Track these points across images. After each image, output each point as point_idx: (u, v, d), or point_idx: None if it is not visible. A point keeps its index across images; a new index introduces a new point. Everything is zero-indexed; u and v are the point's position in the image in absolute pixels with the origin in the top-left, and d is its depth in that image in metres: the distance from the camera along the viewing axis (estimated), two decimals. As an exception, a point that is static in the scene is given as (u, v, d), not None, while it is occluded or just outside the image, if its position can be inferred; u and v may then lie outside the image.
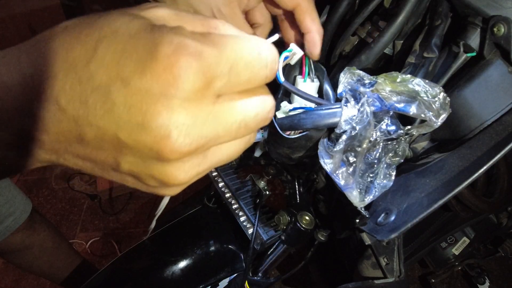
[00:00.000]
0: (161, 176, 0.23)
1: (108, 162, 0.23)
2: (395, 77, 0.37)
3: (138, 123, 0.20)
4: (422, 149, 0.48)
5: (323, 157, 0.39)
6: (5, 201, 1.01)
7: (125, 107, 0.20)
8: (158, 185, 0.24)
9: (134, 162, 0.22)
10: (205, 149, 0.23)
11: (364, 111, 0.36)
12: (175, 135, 0.20)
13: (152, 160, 0.22)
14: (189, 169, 0.23)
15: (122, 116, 0.20)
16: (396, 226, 0.42)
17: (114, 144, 0.22)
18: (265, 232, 0.64)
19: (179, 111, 0.20)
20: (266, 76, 0.23)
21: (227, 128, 0.23)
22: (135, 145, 0.21)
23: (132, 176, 0.24)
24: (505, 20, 0.39)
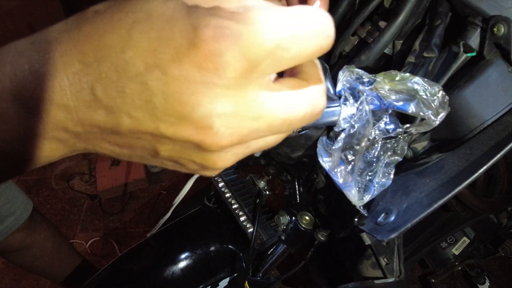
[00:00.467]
0: (202, 161, 0.22)
1: (146, 150, 0.23)
2: (394, 75, 0.37)
3: (178, 114, 0.20)
4: (422, 149, 0.48)
5: (321, 156, 0.39)
6: (6, 201, 1.01)
7: (164, 97, 0.19)
8: (198, 168, 0.24)
9: (173, 150, 0.22)
10: (246, 141, 0.22)
11: (363, 109, 0.36)
12: (216, 127, 0.20)
13: (192, 149, 0.21)
14: (230, 157, 0.23)
15: (160, 107, 0.20)
16: (396, 226, 0.42)
17: (152, 134, 0.21)
18: (265, 232, 0.64)
19: (221, 100, 0.19)
20: (322, 46, 0.21)
21: (270, 123, 0.21)
22: (174, 136, 0.21)
23: (172, 161, 0.24)
24: (505, 20, 0.39)
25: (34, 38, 0.22)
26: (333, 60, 0.58)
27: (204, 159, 0.22)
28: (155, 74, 0.19)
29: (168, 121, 0.20)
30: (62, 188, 1.96)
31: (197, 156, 0.22)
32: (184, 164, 0.24)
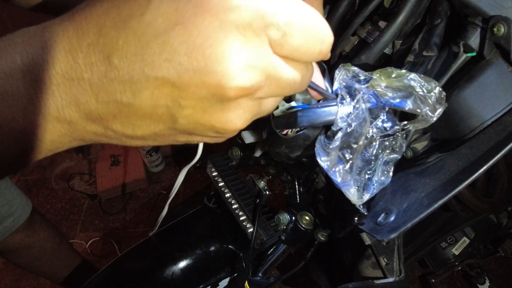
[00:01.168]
0: (219, 123, 0.23)
1: (163, 121, 0.23)
2: (390, 72, 0.37)
3: (201, 66, 0.20)
4: (422, 149, 0.48)
5: (319, 155, 0.39)
6: (5, 201, 1.01)
7: (187, 51, 0.20)
8: (214, 135, 0.24)
9: (193, 114, 0.22)
10: (259, 95, 0.23)
11: (360, 108, 0.36)
12: (238, 72, 0.20)
13: (212, 105, 0.22)
14: (244, 112, 0.23)
15: (183, 62, 0.20)
16: (396, 226, 0.42)
17: (172, 97, 0.21)
18: (265, 232, 0.64)
19: (241, 49, 0.20)
20: (320, 51, 0.23)
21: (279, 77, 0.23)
22: (196, 91, 0.21)
23: (188, 131, 0.24)
24: (505, 20, 0.39)
25: (46, 23, 0.22)
26: (333, 60, 0.58)
27: (221, 119, 0.22)
28: (177, 31, 0.20)
29: (191, 74, 0.20)
30: (62, 188, 1.96)
31: (215, 117, 0.22)
32: (201, 132, 0.24)
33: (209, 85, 0.21)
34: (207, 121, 0.23)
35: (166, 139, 0.25)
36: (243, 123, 0.24)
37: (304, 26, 0.22)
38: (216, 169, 0.71)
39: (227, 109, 0.22)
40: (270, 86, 0.23)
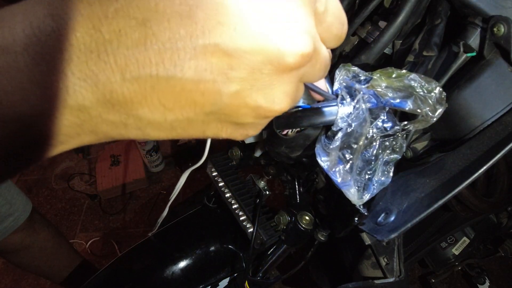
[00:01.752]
0: (266, 101, 0.21)
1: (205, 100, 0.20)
2: (391, 72, 0.37)
3: (259, 30, 0.19)
4: (422, 149, 0.48)
5: (320, 155, 0.39)
6: (5, 201, 1.01)
7: (242, 13, 0.18)
8: (252, 120, 0.22)
9: (239, 91, 0.20)
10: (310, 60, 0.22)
11: (360, 108, 0.36)
12: (298, 37, 0.20)
13: (263, 78, 0.20)
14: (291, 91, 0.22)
15: (238, 26, 0.18)
16: (396, 226, 0.42)
17: (221, 68, 0.19)
18: (265, 232, 0.64)
19: (300, 15, 0.20)
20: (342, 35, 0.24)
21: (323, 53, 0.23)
22: (250, 60, 0.19)
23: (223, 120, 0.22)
24: (505, 20, 0.39)
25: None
26: (333, 60, 0.58)
27: (270, 94, 0.21)
28: None
29: (247, 41, 0.19)
30: (62, 188, 1.96)
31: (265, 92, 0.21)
32: (240, 116, 0.22)
33: (267, 50, 0.19)
34: (253, 100, 0.21)
35: (195, 129, 0.22)
36: (288, 104, 0.22)
37: (336, 5, 0.22)
38: (216, 169, 0.71)
39: (277, 83, 0.21)
40: (314, 61, 0.22)
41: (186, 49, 0.18)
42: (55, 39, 0.17)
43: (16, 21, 0.18)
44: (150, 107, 0.19)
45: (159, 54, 0.18)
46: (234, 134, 0.24)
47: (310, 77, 0.23)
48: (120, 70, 0.18)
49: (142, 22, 0.18)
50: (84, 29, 0.18)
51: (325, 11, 0.22)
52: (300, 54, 0.20)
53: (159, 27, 0.18)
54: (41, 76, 0.18)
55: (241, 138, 0.25)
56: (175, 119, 0.20)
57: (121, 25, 0.18)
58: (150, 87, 0.19)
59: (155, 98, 0.19)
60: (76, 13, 0.18)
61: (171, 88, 0.19)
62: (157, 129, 0.21)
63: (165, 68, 0.18)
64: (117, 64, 0.18)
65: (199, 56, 0.18)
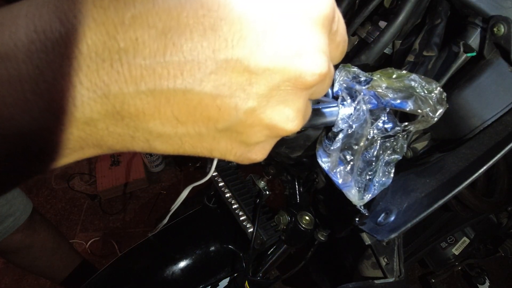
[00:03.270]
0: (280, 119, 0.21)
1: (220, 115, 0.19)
2: (391, 73, 0.37)
3: (281, 49, 0.19)
4: (422, 149, 0.48)
5: (320, 156, 0.39)
6: (5, 201, 1.01)
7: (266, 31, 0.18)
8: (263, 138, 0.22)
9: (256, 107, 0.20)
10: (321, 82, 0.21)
11: (361, 109, 0.36)
12: (317, 58, 0.20)
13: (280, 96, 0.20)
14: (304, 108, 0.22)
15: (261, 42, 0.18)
16: (396, 226, 0.42)
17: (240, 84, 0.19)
18: (265, 232, 0.64)
19: (320, 35, 0.20)
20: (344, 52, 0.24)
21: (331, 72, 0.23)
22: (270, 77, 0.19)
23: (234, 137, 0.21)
24: (505, 20, 0.39)
25: None
26: (333, 60, 0.58)
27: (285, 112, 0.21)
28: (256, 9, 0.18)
29: (269, 59, 0.18)
30: (62, 188, 1.96)
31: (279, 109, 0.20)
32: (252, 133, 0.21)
33: (288, 69, 0.19)
34: (268, 117, 0.20)
35: (204, 146, 0.21)
36: (300, 123, 0.22)
37: (343, 26, 0.23)
38: (216, 169, 0.71)
39: (291, 101, 0.21)
40: (326, 79, 0.22)
41: (208, 62, 0.18)
42: (63, 46, 0.16)
43: (19, 25, 0.16)
44: (162, 119, 0.19)
45: (179, 66, 0.17)
46: (241, 157, 0.23)
47: (317, 94, 0.24)
48: (134, 81, 0.17)
49: (162, 32, 0.17)
50: (97, 35, 0.16)
51: (337, 31, 0.22)
52: (318, 73, 0.20)
53: (180, 38, 0.17)
54: (46, 87, 0.16)
55: (246, 163, 0.24)
56: (186, 133, 0.20)
57: (138, 34, 0.16)
58: (165, 100, 0.18)
59: (169, 111, 0.18)
60: (88, 18, 0.16)
61: (188, 101, 0.18)
62: (166, 142, 0.20)
63: (183, 81, 0.18)
64: (131, 75, 0.17)
65: (220, 71, 0.18)
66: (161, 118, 0.19)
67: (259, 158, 0.24)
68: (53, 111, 0.17)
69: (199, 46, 0.17)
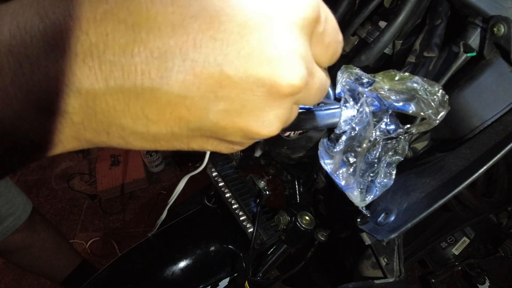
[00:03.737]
0: (255, 124, 0.20)
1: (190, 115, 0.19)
2: (394, 75, 0.37)
3: (254, 52, 0.17)
4: (422, 149, 0.48)
5: (323, 158, 0.39)
6: (5, 201, 1.01)
7: (238, 31, 0.17)
8: (239, 140, 0.21)
9: (228, 110, 0.19)
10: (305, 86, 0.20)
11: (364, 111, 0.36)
12: (294, 66, 0.18)
13: (254, 100, 0.19)
14: (283, 115, 0.21)
15: (231, 43, 0.17)
16: (396, 226, 0.42)
17: (210, 85, 0.18)
18: (265, 232, 0.64)
19: (299, 39, 0.18)
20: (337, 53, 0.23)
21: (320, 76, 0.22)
22: (242, 80, 0.18)
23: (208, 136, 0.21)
24: (505, 20, 0.39)
25: None
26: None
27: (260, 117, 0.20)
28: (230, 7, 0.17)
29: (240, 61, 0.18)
30: (62, 188, 1.96)
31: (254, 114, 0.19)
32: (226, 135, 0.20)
33: (259, 75, 0.18)
34: (242, 121, 0.20)
35: (179, 143, 0.21)
36: (277, 128, 0.21)
37: (334, 26, 0.21)
38: (216, 169, 0.71)
39: (269, 108, 0.20)
40: (310, 86, 0.21)
41: (175, 61, 0.17)
42: (41, 40, 0.17)
43: (4, 21, 0.17)
44: (133, 117, 0.19)
45: (146, 64, 0.17)
46: (219, 147, 0.23)
47: (306, 101, 0.23)
48: (104, 77, 0.17)
49: (131, 27, 0.17)
50: (72, 31, 0.17)
51: (324, 32, 0.21)
52: (294, 83, 0.19)
53: (148, 35, 0.17)
54: (24, 79, 0.17)
55: (228, 152, 0.24)
56: (159, 132, 0.20)
57: (109, 29, 0.17)
58: (135, 98, 0.18)
59: (139, 109, 0.18)
60: (64, 13, 0.17)
61: (156, 100, 0.18)
62: (140, 139, 0.20)
63: (150, 78, 0.17)
64: (101, 70, 0.17)
65: (188, 71, 0.17)
66: (132, 116, 0.19)
67: (239, 149, 0.24)
68: (31, 103, 0.17)
69: (167, 44, 0.17)
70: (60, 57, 0.17)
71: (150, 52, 0.17)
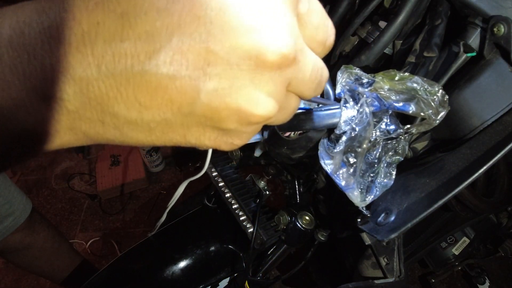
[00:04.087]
0: (247, 103, 0.20)
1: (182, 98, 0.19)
2: (394, 75, 0.37)
3: (237, 24, 0.18)
4: (422, 149, 0.48)
5: (323, 158, 0.39)
6: (5, 201, 1.01)
7: (221, 6, 0.18)
8: (234, 125, 0.21)
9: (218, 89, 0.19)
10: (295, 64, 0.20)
11: (364, 111, 0.36)
12: (280, 35, 0.18)
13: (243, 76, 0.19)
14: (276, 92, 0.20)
15: (215, 19, 0.18)
16: (396, 226, 0.42)
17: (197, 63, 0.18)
18: (265, 232, 0.64)
19: (283, 13, 0.19)
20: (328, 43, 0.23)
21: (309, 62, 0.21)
22: (228, 54, 0.18)
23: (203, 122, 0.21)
24: (505, 20, 0.39)
25: None
26: (333, 60, 0.58)
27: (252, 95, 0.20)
28: None
29: (224, 35, 0.18)
30: (62, 188, 1.96)
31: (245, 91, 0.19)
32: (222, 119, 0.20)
33: (245, 45, 0.18)
34: (233, 100, 0.19)
35: (175, 132, 0.21)
36: (272, 108, 0.21)
37: (320, 8, 0.21)
38: (216, 169, 0.71)
39: (259, 83, 0.19)
40: (302, 65, 0.21)
41: (162, 42, 0.18)
42: (37, 31, 0.18)
43: (6, 17, 0.18)
44: (126, 103, 0.19)
45: (135, 47, 0.18)
46: (218, 142, 0.22)
47: (301, 86, 0.22)
48: (96, 62, 0.18)
49: (120, 15, 0.18)
50: (66, 22, 0.18)
51: (309, 12, 0.21)
52: (280, 51, 0.19)
53: (136, 20, 0.18)
54: (21, 67, 0.18)
55: (227, 148, 0.23)
56: (152, 119, 0.20)
57: (99, 18, 0.18)
58: (126, 82, 0.18)
59: (131, 94, 0.19)
60: (59, 6, 0.18)
61: (147, 83, 0.18)
62: (135, 129, 0.20)
63: (139, 61, 0.18)
64: (94, 56, 0.18)
65: (175, 50, 0.18)
66: (124, 102, 0.19)
67: (237, 143, 0.23)
68: (28, 90, 0.18)
69: (153, 27, 0.18)
70: (54, 45, 0.18)
71: (138, 36, 0.18)
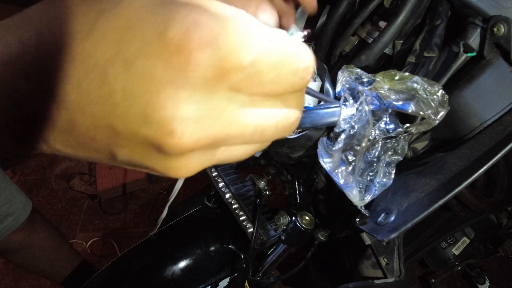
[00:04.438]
0: (164, 167, 0.20)
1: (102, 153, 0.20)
2: (394, 75, 0.37)
3: (139, 114, 0.18)
4: (422, 149, 0.48)
5: (322, 156, 0.39)
6: (5, 201, 1.01)
7: (124, 94, 0.18)
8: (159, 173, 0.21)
9: (132, 154, 0.20)
10: (213, 147, 0.20)
11: (363, 110, 0.36)
12: (180, 131, 0.18)
13: (153, 153, 0.19)
14: (193, 164, 0.20)
15: (120, 105, 0.18)
16: (396, 226, 0.42)
17: (109, 136, 0.19)
18: (265, 232, 0.64)
19: (187, 103, 0.18)
20: (294, 84, 0.20)
21: (240, 131, 0.20)
22: (133, 138, 0.19)
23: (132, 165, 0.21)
24: (505, 20, 0.39)
25: None
26: (333, 60, 0.58)
27: (165, 164, 0.20)
28: (117, 67, 0.17)
29: (127, 120, 0.18)
30: (62, 188, 1.96)
31: (158, 161, 0.20)
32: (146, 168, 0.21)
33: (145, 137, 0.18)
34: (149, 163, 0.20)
35: (113, 164, 0.22)
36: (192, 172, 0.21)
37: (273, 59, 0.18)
38: (216, 169, 0.71)
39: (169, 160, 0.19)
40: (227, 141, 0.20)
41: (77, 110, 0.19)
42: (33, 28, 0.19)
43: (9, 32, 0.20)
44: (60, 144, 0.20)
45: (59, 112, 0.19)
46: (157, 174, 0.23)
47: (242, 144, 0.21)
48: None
49: None
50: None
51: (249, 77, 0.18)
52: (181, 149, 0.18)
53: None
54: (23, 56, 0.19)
55: None
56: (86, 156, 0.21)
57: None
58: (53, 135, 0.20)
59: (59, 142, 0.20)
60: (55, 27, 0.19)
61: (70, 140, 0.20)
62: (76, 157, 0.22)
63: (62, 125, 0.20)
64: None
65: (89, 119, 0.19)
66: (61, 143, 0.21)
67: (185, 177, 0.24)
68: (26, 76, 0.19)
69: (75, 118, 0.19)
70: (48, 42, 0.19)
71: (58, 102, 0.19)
